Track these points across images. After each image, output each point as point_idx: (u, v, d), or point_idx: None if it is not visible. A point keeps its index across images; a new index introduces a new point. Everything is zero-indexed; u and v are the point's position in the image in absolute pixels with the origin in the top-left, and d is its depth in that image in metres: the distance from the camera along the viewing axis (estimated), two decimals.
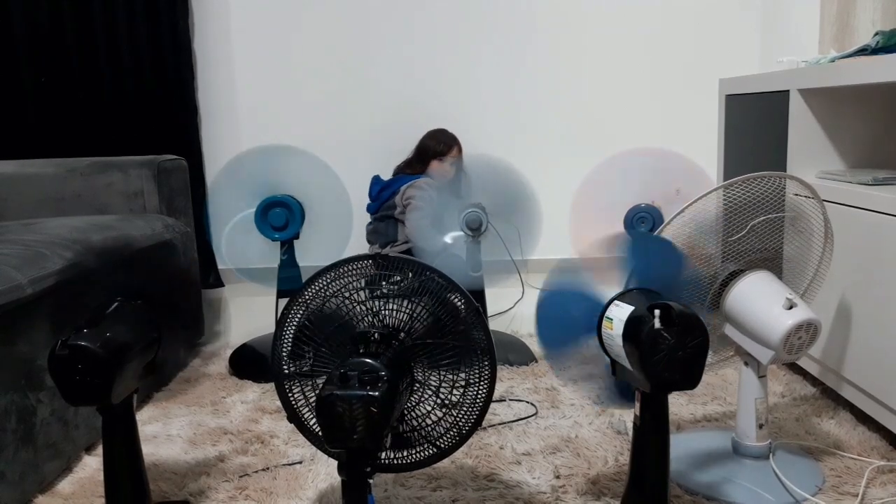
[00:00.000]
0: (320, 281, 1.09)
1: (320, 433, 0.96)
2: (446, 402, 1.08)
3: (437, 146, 2.74)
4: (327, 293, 1.09)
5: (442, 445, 1.09)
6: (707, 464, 1.36)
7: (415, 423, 1.09)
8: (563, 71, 3.04)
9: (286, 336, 1.11)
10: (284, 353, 1.12)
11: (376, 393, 0.91)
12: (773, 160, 1.81)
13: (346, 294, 1.08)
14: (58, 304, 1.42)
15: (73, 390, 1.07)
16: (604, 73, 3.04)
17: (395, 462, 1.12)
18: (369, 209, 2.73)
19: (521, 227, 2.02)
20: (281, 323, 1.11)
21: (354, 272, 1.09)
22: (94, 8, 2.83)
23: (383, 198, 2.68)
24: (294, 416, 1.13)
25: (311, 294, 1.09)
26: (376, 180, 2.69)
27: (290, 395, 1.13)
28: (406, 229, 2.57)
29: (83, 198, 2.04)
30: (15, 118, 2.84)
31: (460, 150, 2.77)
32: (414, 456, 1.11)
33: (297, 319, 1.10)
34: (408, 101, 2.93)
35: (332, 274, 1.09)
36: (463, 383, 1.07)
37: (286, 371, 1.12)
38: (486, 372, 1.06)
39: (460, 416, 1.08)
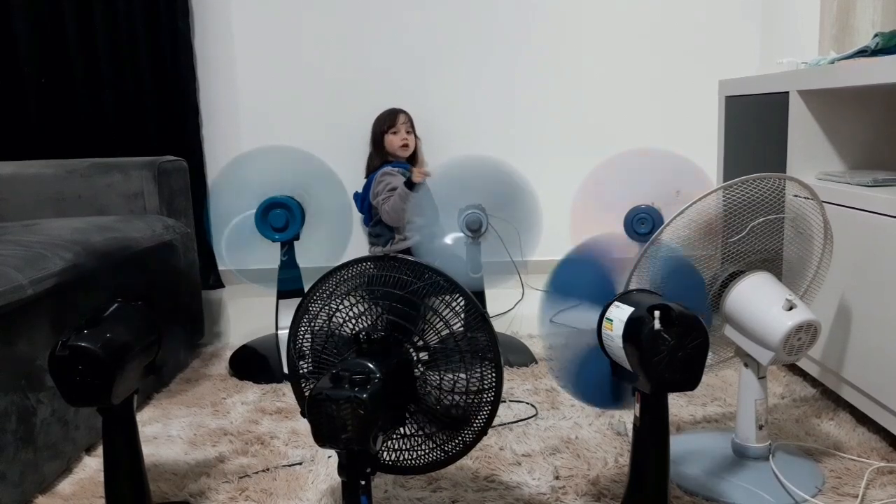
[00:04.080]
0: (333, 279, 1.10)
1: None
2: (451, 406, 1.07)
3: (382, 124, 2.84)
4: (333, 294, 1.09)
5: (448, 450, 1.09)
6: (707, 465, 1.36)
7: (417, 426, 1.09)
8: (563, 71, 3.04)
9: (301, 334, 1.12)
10: (298, 351, 1.13)
11: (364, 395, 0.91)
12: (772, 161, 1.81)
13: (351, 296, 1.08)
14: (58, 304, 1.42)
15: (74, 391, 1.07)
16: (604, 74, 3.04)
17: (400, 464, 1.12)
18: (364, 222, 2.81)
19: (520, 228, 2.02)
20: (295, 322, 1.12)
21: (364, 273, 1.09)
22: (95, 8, 2.83)
23: (367, 205, 2.76)
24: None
25: (324, 293, 1.10)
26: (356, 196, 2.76)
27: (305, 391, 1.13)
28: (385, 220, 2.69)
29: (83, 198, 2.04)
30: (15, 119, 2.84)
31: (409, 118, 2.84)
32: (419, 459, 1.11)
33: (311, 318, 1.11)
34: (407, 102, 2.93)
35: (344, 273, 1.09)
36: (465, 388, 1.06)
37: (301, 370, 1.13)
38: (492, 376, 1.06)
39: (465, 421, 1.08)
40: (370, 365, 0.96)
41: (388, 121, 2.82)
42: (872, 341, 1.43)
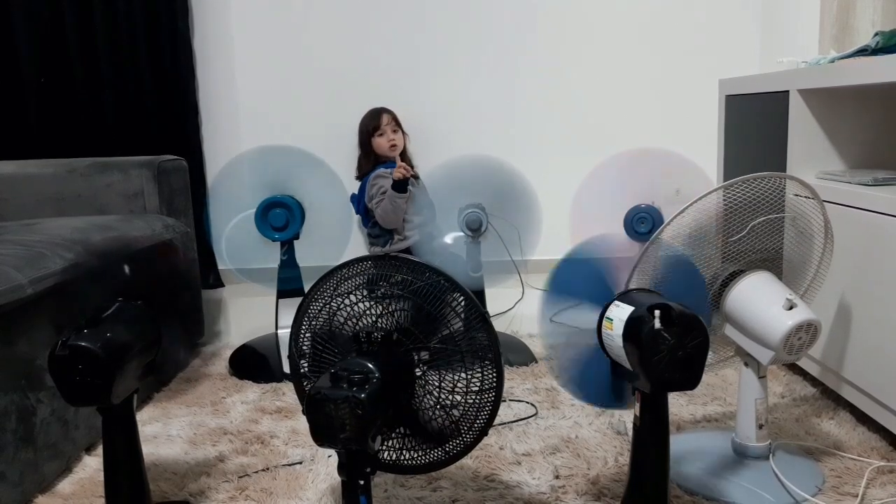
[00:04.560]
0: (335, 278, 1.10)
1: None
2: (452, 406, 1.07)
3: (367, 126, 2.83)
4: (334, 293, 1.09)
5: (448, 450, 1.09)
6: (707, 464, 1.36)
7: (417, 426, 1.09)
8: (563, 71, 3.04)
9: (302, 333, 1.12)
10: (300, 351, 1.13)
11: (362, 395, 0.91)
12: (772, 160, 1.81)
13: (351, 295, 1.08)
14: (58, 304, 1.42)
15: (73, 390, 1.07)
16: (604, 73, 3.04)
17: (400, 464, 1.12)
18: (364, 223, 2.81)
19: (520, 228, 2.02)
20: (297, 321, 1.12)
21: (366, 272, 1.09)
22: (94, 8, 2.83)
23: (364, 206, 2.77)
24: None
25: (325, 292, 1.10)
26: (353, 198, 2.75)
27: (307, 390, 1.14)
28: (381, 223, 2.70)
29: (83, 198, 2.04)
30: (15, 118, 2.84)
31: (394, 118, 2.83)
32: (419, 459, 1.11)
33: (311, 317, 1.11)
34: (408, 101, 2.93)
35: (345, 272, 1.09)
36: (464, 389, 1.06)
37: (302, 369, 1.13)
38: (492, 376, 1.05)
39: (466, 422, 1.08)
40: (369, 365, 0.96)
41: (373, 123, 2.81)
42: (872, 341, 1.43)
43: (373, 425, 0.93)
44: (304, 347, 1.13)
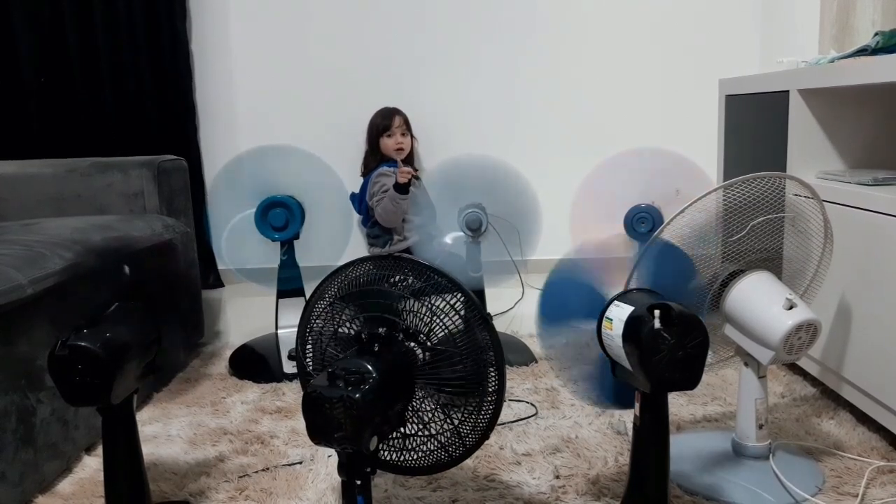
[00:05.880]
0: (339, 278, 1.10)
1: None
2: (453, 407, 1.07)
3: (378, 125, 2.83)
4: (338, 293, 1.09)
5: (451, 451, 1.09)
6: (707, 464, 1.36)
7: (418, 427, 1.09)
8: (563, 71, 3.04)
9: (307, 332, 1.12)
10: (305, 350, 1.13)
11: (357, 395, 0.91)
12: (772, 160, 1.81)
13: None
14: (58, 304, 1.42)
15: (73, 391, 1.07)
16: (604, 73, 3.04)
17: (403, 464, 1.11)
18: (363, 223, 2.81)
19: (520, 228, 2.02)
20: (303, 320, 1.12)
21: (368, 272, 1.09)
22: (94, 8, 2.83)
23: (365, 205, 2.77)
24: None
25: (329, 291, 1.10)
26: (353, 196, 2.75)
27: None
28: (380, 222, 2.71)
29: (83, 198, 2.04)
30: (15, 118, 2.84)
31: (405, 121, 2.84)
32: (421, 460, 1.10)
33: (316, 317, 1.11)
34: (408, 100, 2.93)
35: (349, 272, 1.09)
36: (467, 391, 1.06)
37: (307, 367, 1.13)
38: (494, 379, 1.05)
39: (466, 424, 1.08)
40: (367, 365, 0.96)
41: (384, 123, 2.81)
42: (872, 341, 1.43)
43: (368, 425, 0.93)
44: (310, 346, 1.13)
